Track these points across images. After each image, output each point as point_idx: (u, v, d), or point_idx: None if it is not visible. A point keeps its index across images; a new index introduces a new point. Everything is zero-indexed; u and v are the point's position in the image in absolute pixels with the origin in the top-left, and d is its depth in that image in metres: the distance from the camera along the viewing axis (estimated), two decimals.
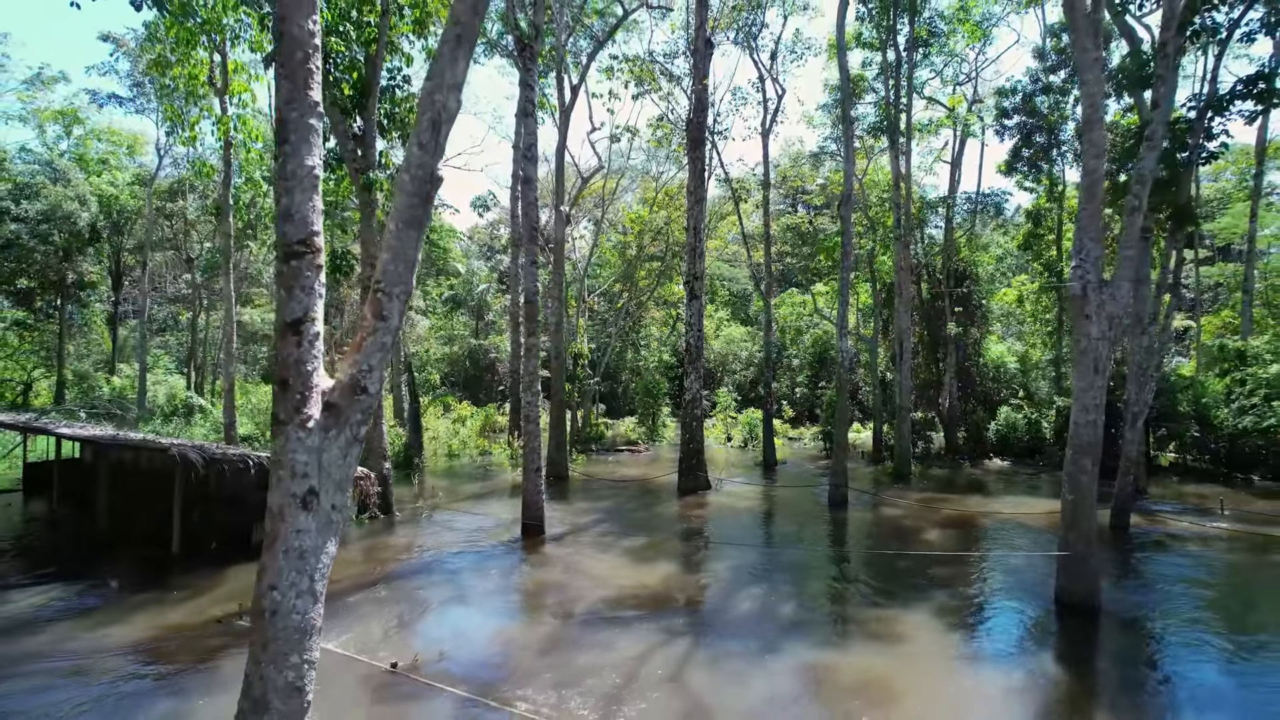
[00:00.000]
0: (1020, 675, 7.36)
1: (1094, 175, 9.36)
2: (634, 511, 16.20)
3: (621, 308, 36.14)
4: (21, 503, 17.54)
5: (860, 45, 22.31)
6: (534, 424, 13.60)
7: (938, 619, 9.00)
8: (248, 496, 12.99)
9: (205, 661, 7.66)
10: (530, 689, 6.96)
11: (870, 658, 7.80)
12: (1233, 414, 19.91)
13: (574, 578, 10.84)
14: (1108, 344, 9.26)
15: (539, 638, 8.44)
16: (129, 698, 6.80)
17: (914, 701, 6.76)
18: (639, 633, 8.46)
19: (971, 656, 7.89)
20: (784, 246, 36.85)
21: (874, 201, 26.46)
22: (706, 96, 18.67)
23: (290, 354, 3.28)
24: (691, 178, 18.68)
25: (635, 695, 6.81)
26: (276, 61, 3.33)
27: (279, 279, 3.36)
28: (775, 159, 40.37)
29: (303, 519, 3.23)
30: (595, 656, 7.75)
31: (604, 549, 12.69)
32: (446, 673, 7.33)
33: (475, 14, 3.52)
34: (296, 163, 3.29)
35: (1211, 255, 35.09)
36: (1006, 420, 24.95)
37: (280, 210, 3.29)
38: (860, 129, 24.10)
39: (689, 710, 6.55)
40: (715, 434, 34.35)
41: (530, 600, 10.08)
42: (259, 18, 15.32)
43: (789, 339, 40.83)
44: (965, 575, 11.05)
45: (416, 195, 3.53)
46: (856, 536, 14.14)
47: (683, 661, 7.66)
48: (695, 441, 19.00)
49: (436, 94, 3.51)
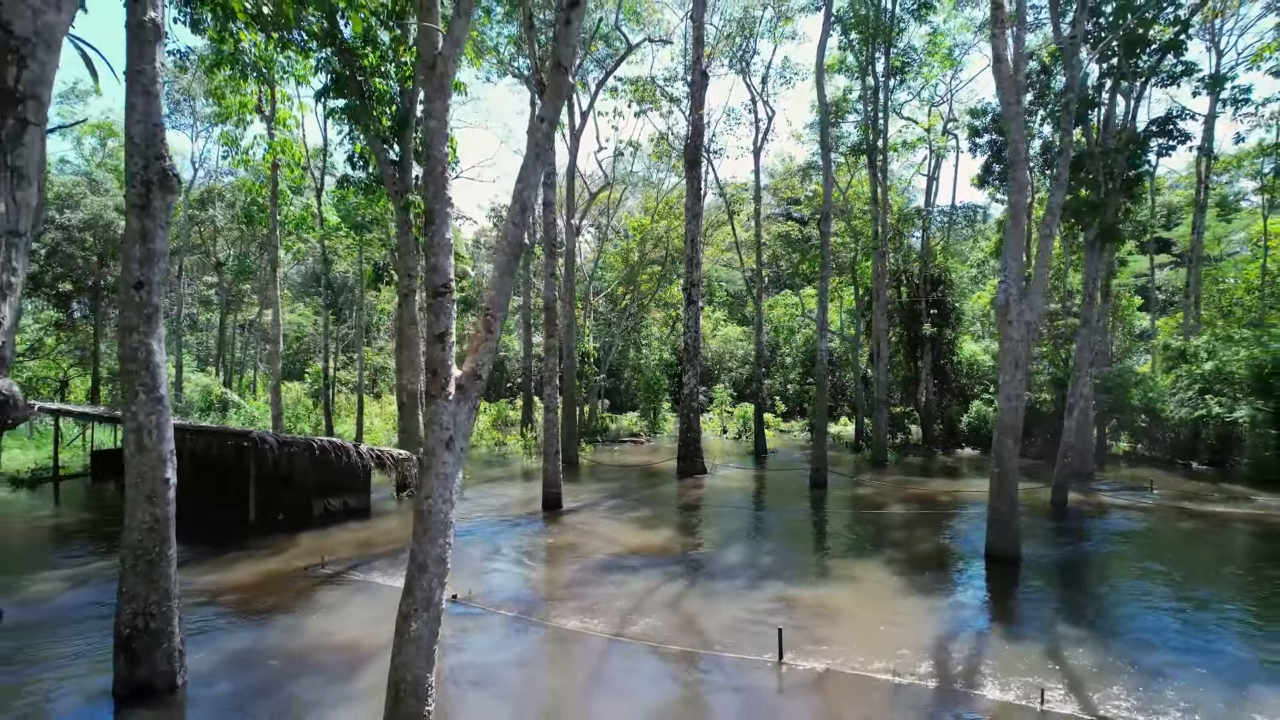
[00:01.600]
0: (941, 602, 9.35)
1: (1016, 206, 11.35)
2: (638, 491, 18.22)
3: (624, 309, 38.12)
4: (89, 485, 19.57)
5: (842, 71, 24.24)
6: (553, 413, 15.60)
7: (886, 567, 11.00)
8: (305, 476, 15.00)
9: (303, 595, 9.66)
10: (560, 612, 8.96)
11: (827, 591, 9.80)
12: (1175, 407, 21.90)
13: (589, 539, 12.85)
14: (1026, 345, 11.24)
15: (564, 579, 10.45)
16: (256, 615, 8.82)
17: (854, 618, 8.75)
18: (644, 575, 10.47)
19: (907, 591, 9.88)
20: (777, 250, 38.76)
21: (857, 212, 28.41)
22: (702, 123, 20.63)
23: (436, 354, 5.24)
24: (689, 195, 20.64)
25: (641, 615, 8.80)
26: (424, 170, 5.30)
27: (429, 308, 5.31)
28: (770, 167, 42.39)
29: (446, 455, 5.20)
30: (609, 590, 9.76)
31: (613, 518, 14.71)
32: (494, 602, 9.34)
33: (549, 139, 5.48)
34: (440, 236, 5.26)
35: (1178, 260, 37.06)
36: (978, 413, 26.95)
37: (429, 266, 5.25)
38: (843, 147, 26.05)
39: (683, 623, 8.55)
40: (712, 427, 36.34)
41: (554, 554, 12.08)
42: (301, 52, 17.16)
43: (782, 339, 42.83)
44: (915, 537, 13.05)
45: (511, 256, 5.49)
46: (829, 509, 16.13)
47: (679, 594, 9.66)
48: (692, 432, 20.99)
49: (525, 190, 5.47)
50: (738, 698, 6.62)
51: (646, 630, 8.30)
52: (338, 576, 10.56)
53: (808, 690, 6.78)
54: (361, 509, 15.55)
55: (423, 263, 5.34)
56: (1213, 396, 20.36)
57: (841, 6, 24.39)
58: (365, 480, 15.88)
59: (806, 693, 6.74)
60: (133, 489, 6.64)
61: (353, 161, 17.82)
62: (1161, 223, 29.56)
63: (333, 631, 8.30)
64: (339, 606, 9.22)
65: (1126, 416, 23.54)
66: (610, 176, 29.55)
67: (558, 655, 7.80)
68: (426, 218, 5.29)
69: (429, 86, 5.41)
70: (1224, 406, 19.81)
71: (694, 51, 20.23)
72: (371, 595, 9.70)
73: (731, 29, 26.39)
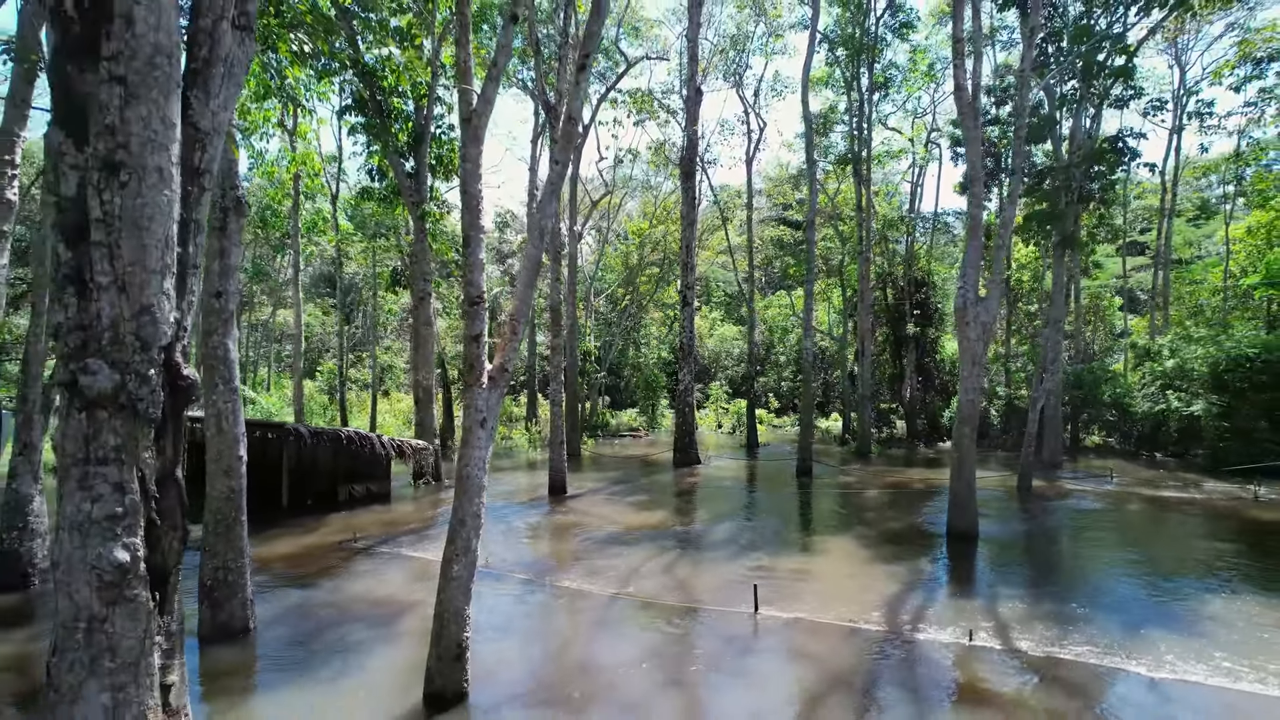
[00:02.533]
0: (900, 568, 10.60)
1: (974, 219, 12.60)
2: (636, 479, 19.48)
3: (624, 309, 39.35)
4: None
5: (829, 85, 25.46)
6: (558, 406, 16.85)
7: (857, 541, 12.26)
8: (331, 464, 16.24)
9: (341, 563, 10.92)
10: (567, 576, 10.22)
11: (802, 560, 11.06)
12: (1141, 402, 23.16)
13: (591, 519, 14.11)
14: (983, 344, 12.49)
15: (570, 550, 11.70)
16: (304, 579, 10.07)
17: (823, 580, 10.00)
18: (642, 547, 11.72)
19: (872, 560, 11.12)
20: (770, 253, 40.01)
21: (845, 217, 29.64)
22: (697, 136, 21.86)
23: (472, 352, 6.47)
24: (684, 203, 21.88)
25: (638, 579, 10.05)
26: (462, 202, 6.54)
27: (466, 315, 6.54)
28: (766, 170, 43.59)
29: (480, 433, 6.43)
30: (610, 559, 11.01)
31: (613, 502, 15.96)
32: (509, 567, 10.59)
33: (561, 178, 6.72)
34: (475, 257, 6.49)
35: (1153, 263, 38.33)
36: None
37: (466, 280, 6.48)
38: (831, 156, 27.28)
39: (674, 585, 9.80)
40: (708, 422, 37.59)
41: (560, 531, 13.32)
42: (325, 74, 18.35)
43: (776, 338, 44.08)
44: (887, 518, 14.30)
45: (531, 272, 6.72)
46: (811, 494, 17.38)
47: (672, 563, 10.91)
48: (687, 425, 22.24)
49: (544, 219, 6.70)
50: (718, 639, 7.87)
51: (642, 590, 9.55)
52: (369, 550, 11.82)
53: (777, 633, 8.03)
54: (383, 494, 16.78)
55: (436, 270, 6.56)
56: (1173, 392, 21.61)
57: (828, 24, 25.63)
58: (386, 468, 17.12)
59: (776, 635, 7.99)
60: (212, 464, 7.89)
61: (371, 174, 19.07)
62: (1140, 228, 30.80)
63: (371, 590, 9.56)
64: (374, 573, 10.47)
65: (1096, 411, 24.81)
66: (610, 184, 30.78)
67: (566, 608, 9.04)
68: (464, 241, 6.53)
69: (465, 135, 6.65)
70: (1183, 401, 21.07)
71: (689, 69, 21.46)
72: (401, 564, 10.95)
73: (725, 44, 27.61)
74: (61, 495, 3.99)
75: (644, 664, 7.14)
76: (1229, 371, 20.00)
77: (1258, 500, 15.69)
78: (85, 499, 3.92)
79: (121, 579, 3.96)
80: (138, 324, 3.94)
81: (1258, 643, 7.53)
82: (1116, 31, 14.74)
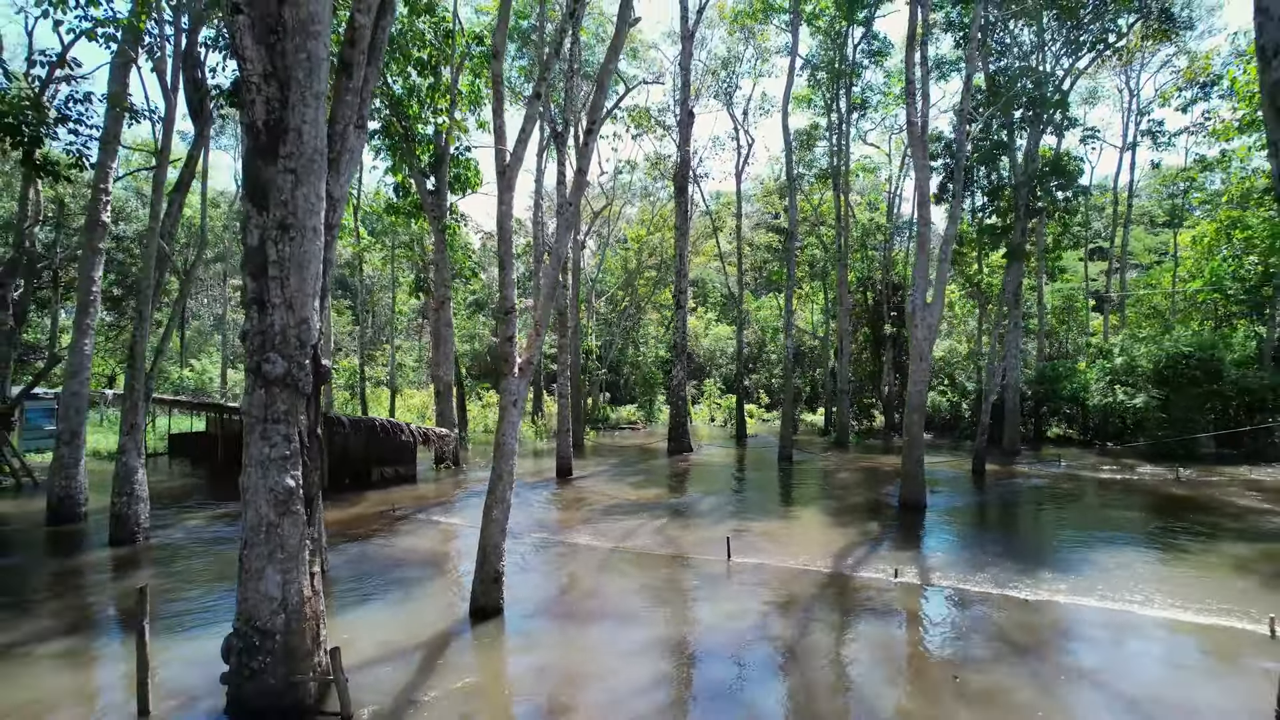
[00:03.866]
0: (853, 530, 12.53)
1: (922, 236, 14.53)
2: (634, 464, 21.41)
3: (624, 310, 41.27)
4: (168, 463, 22.72)
5: (811, 106, 27.37)
6: (565, 399, 18.79)
7: (821, 511, 14.20)
8: (364, 449, 18.15)
9: (386, 527, 12.86)
10: (574, 535, 12.15)
11: (772, 524, 12.99)
12: (1094, 395, 25.08)
13: (594, 495, 16.04)
14: (929, 342, 14.42)
15: (576, 517, 13.64)
16: (358, 538, 12.01)
17: (788, 538, 11.93)
18: (638, 515, 13.66)
19: (831, 524, 13.05)
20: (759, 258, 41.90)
21: (830, 224, 31.54)
22: (689, 155, 23.78)
23: (506, 349, 8.39)
24: (678, 216, 23.80)
25: (634, 537, 11.99)
26: (498, 235, 8.46)
27: (500, 321, 8.46)
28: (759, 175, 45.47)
29: (513, 411, 8.36)
30: (611, 524, 12.95)
31: (614, 482, 17.90)
32: (525, 529, 12.53)
33: (576, 215, 8.64)
34: (508, 277, 8.41)
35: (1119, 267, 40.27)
36: (932, 403, 30.10)
37: (502, 295, 8.40)
38: (815, 170, 29.19)
39: (664, 542, 11.73)
40: (702, 416, 39.52)
41: (567, 504, 15.26)
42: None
43: (768, 337, 45.99)
44: (850, 494, 16.24)
45: (550, 288, 8.63)
46: (789, 475, 19.31)
47: (663, 526, 12.85)
48: (680, 416, 24.18)
49: (560, 248, 8.61)
50: (697, 577, 9.80)
51: (637, 545, 11.50)
52: (406, 517, 13.76)
53: (744, 573, 9.97)
54: (409, 476, 18.70)
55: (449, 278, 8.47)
56: (1120, 387, 23.54)
57: (811, 49, 27.52)
58: (412, 453, 19.04)
59: (743, 574, 9.92)
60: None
61: (396, 191, 20.99)
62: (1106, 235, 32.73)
63: (414, 546, 11.50)
64: (413, 533, 12.41)
65: (1056, 404, 26.73)
66: (610, 195, 32.67)
67: (574, 557, 10.97)
68: (500, 263, 8.47)
69: (501, 185, 8.58)
70: (1129, 395, 23.01)
71: (682, 94, 23.38)
72: (434, 528, 12.90)
73: (716, 65, 29.53)
74: (247, 443, 5.95)
75: (637, 593, 9.08)
76: (1168, 368, 21.93)
77: (1179, 481, 17.62)
78: (265, 445, 5.87)
79: (289, 498, 5.92)
80: (298, 330, 5.89)
81: (1125, 577, 9.46)
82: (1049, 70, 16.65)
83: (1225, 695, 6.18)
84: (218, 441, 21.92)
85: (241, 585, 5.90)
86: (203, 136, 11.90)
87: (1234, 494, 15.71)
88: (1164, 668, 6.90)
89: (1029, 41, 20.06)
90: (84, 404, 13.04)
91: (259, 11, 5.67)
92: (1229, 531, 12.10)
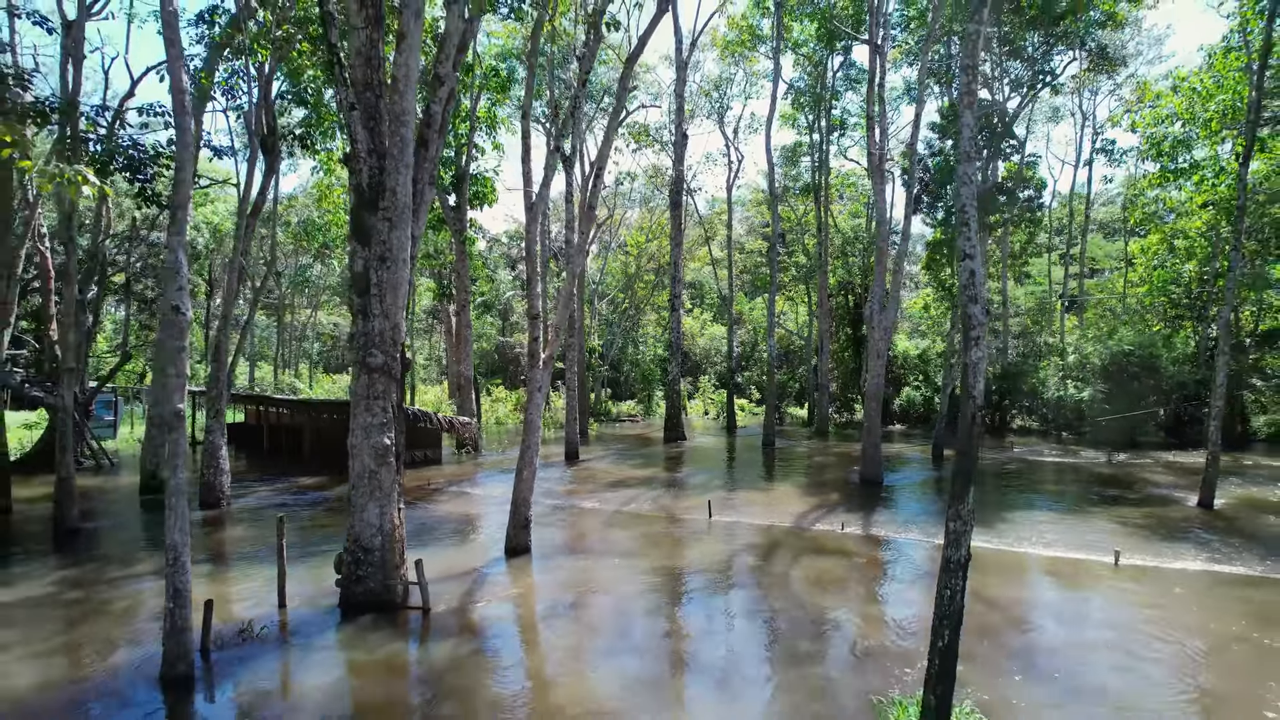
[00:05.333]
0: (816, 499, 14.73)
1: (881, 251, 16.72)
2: (633, 450, 23.62)
3: (624, 312, 43.45)
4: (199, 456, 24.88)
5: (794, 126, 29.55)
6: (573, 391, 20.99)
7: (793, 485, 16.40)
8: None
9: (426, 496, 15.05)
10: (583, 501, 14.35)
11: (750, 494, 15.19)
12: (1050, 390, 27.29)
13: (599, 472, 18.24)
14: (885, 342, 16.62)
15: (584, 489, 15.85)
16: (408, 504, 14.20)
17: (761, 504, 14.12)
18: (636, 488, 15.87)
19: (800, 495, 15.23)
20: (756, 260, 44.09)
21: (814, 233, 33.70)
22: (683, 173, 25.93)
23: (534, 347, 10.56)
24: (673, 227, 25.97)
25: (634, 503, 14.19)
26: (527, 265, 10.63)
27: (530, 325, 10.62)
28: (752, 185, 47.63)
29: (538, 395, 10.53)
30: (613, 493, 15.16)
31: (616, 464, 20.11)
32: (540, 497, 14.73)
33: (587, 239, 10.82)
34: (535, 291, 10.59)
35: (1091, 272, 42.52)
36: (907, 397, 32.34)
37: (530, 305, 10.58)
38: (800, 184, 31.37)
39: (659, 507, 13.93)
40: (697, 410, 41.72)
41: (576, 479, 17.45)
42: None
43: (759, 337, 48.14)
44: (821, 472, 18.44)
45: (568, 300, 10.81)
46: (769, 459, 21.52)
47: (658, 495, 15.05)
48: (675, 408, 26.37)
49: (575, 268, 10.79)
50: (683, 530, 12.00)
51: (635, 508, 13.71)
52: (441, 489, 15.96)
53: (722, 528, 12.17)
54: (435, 459, 20.88)
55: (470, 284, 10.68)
56: (1072, 382, 25.75)
57: (797, 72, 29.69)
58: (438, 438, 21.23)
59: (720, 528, 12.12)
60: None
61: None
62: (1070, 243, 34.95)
63: (453, 510, 13.71)
64: (450, 501, 14.61)
65: (1017, 398, 28.94)
66: (612, 205, 34.82)
67: (583, 516, 13.17)
68: (528, 279, 10.67)
69: (529, 219, 10.76)
70: (1078, 389, 25.21)
71: (677, 117, 25.55)
72: (466, 497, 15.10)
73: (709, 87, 31.70)
74: (354, 414, 8.14)
75: (635, 540, 11.30)
76: (1112, 364, 24.14)
77: (1110, 464, 19.82)
78: (368, 415, 8.07)
79: (385, 453, 8.12)
80: (392, 333, 8.08)
81: (1029, 530, 11.66)
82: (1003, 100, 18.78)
83: (1064, 600, 8.41)
84: (262, 431, 24.08)
85: (350, 516, 8.12)
86: (272, 170, 14.03)
87: (1149, 473, 17.93)
88: (1023, 584, 9.12)
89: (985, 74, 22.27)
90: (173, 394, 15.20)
91: (366, 107, 7.88)
92: (1125, 500, 14.33)
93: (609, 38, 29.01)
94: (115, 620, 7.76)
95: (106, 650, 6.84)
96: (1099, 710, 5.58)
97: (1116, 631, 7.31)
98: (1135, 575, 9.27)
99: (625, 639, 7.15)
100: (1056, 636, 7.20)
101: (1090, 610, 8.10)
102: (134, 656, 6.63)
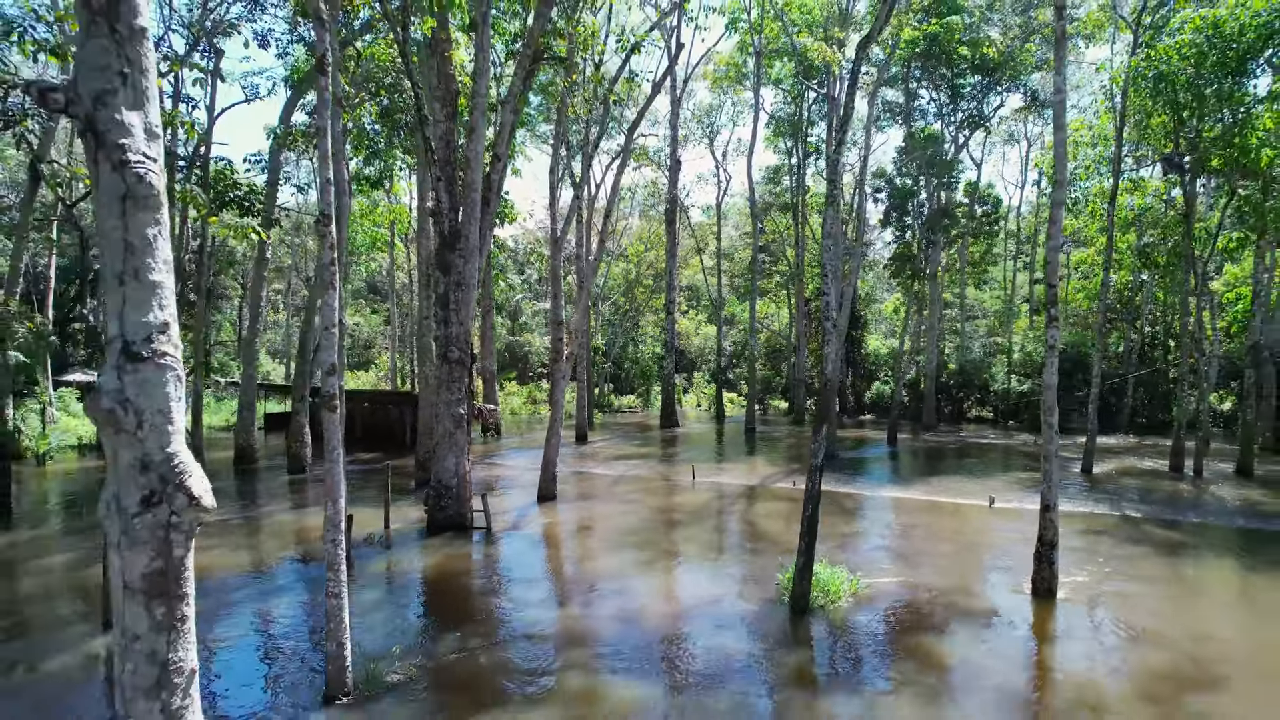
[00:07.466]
0: (782, 469, 17.90)
1: (834, 268, 19.90)
2: (633, 434, 26.81)
3: (625, 313, 46.62)
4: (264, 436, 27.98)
5: (775, 150, 32.71)
6: (581, 383, 24.17)
7: (766, 461, 19.58)
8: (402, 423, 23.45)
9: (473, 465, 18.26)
10: (593, 469, 17.54)
11: (729, 465, 18.38)
12: (998, 383, 30.49)
13: (604, 451, 21.43)
14: (838, 340, 19.80)
15: (593, 462, 19.04)
16: None
17: (737, 471, 17.28)
18: (635, 462, 19.06)
19: (770, 466, 18.37)
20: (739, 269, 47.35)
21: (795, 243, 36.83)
22: (677, 195, 29.07)
23: (557, 345, 13.71)
24: (668, 242, 29.12)
25: (633, 470, 17.36)
26: (551, 276, 13.80)
27: (553, 331, 13.75)
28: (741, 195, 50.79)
29: (561, 383, 13.68)
30: (618, 464, 18.34)
31: (618, 445, 23.29)
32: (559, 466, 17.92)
33: (597, 260, 13.95)
34: (556, 303, 13.73)
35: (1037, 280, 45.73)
36: (877, 391, 35.52)
37: (553, 316, 13.72)
38: (782, 201, 34.52)
39: (654, 474, 17.11)
40: (691, 403, 44.93)
41: (585, 456, 20.60)
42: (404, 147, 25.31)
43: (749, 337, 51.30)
44: (792, 451, 21.62)
45: (584, 308, 13.93)
46: (749, 441, 24.69)
47: (654, 466, 18.24)
48: (670, 399, 29.55)
49: (587, 284, 13.92)
50: (672, 489, 15.17)
51: (636, 474, 16.91)
52: (478, 461, 19.12)
53: (703, 488, 15.34)
54: None
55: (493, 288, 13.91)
56: (1015, 376, 28.94)
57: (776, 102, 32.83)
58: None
59: (702, 488, 15.30)
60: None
61: None
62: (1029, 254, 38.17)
63: (488, 475, 16.89)
64: (487, 469, 17.78)
65: (970, 391, 32.14)
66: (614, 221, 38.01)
67: (594, 480, 16.33)
68: (551, 293, 13.84)
69: (553, 249, 13.93)
70: (1020, 382, 28.39)
71: (671, 146, 28.69)
72: (498, 468, 18.28)
73: (700, 114, 34.86)
74: (438, 392, 11.31)
75: (635, 493, 14.49)
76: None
77: (1035, 444, 23.01)
78: (449, 393, 11.26)
79: (461, 419, 11.31)
80: (464, 334, 11.27)
81: (938, 486, 14.86)
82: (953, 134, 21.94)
83: (937, 522, 11.62)
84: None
85: (434, 464, 11.30)
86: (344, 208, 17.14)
87: (1063, 451, 21.10)
88: (914, 516, 12.34)
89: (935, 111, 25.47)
90: (254, 385, 18.37)
91: (447, 178, 11.05)
92: (1031, 468, 17.55)
93: None
94: (290, 535, 10.96)
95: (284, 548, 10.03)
96: (908, 568, 8.77)
97: (962, 538, 10.50)
98: (1002, 514, 12.47)
99: (628, 543, 10.34)
100: (915, 542, 10.39)
101: (950, 528, 11.30)
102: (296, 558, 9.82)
